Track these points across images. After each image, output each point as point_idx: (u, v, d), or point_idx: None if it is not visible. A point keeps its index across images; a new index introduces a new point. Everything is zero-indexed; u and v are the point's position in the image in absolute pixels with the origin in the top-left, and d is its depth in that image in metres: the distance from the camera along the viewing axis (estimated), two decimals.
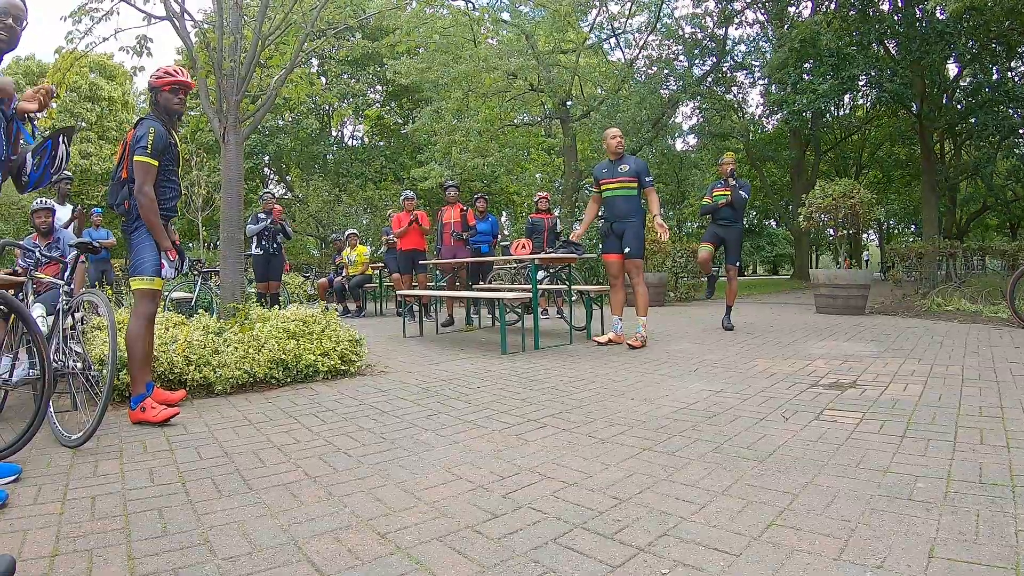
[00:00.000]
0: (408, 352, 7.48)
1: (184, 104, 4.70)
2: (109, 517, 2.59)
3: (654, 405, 4.42)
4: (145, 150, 4.29)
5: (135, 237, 4.42)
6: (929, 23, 19.35)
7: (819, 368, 5.70)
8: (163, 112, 4.53)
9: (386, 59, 22.87)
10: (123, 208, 4.45)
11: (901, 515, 2.43)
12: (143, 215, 4.33)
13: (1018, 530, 2.27)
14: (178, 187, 4.67)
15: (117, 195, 4.47)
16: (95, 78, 32.35)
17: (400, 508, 2.64)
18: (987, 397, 4.37)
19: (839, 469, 2.98)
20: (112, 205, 4.52)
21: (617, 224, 7.43)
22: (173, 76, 4.52)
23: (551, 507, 2.62)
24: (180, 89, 4.56)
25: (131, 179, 4.35)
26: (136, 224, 4.41)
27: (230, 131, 6.86)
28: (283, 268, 11.61)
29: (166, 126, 4.48)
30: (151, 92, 4.59)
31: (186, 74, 4.60)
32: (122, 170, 4.44)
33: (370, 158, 32.36)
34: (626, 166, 7.41)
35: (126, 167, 4.40)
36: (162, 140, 4.36)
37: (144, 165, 4.29)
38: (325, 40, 8.99)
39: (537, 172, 31.82)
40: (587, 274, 15.04)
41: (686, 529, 2.37)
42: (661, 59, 24.30)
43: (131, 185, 4.35)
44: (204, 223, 18.09)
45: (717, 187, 9.00)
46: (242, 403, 4.83)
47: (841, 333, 8.19)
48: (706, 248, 9.05)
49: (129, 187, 4.38)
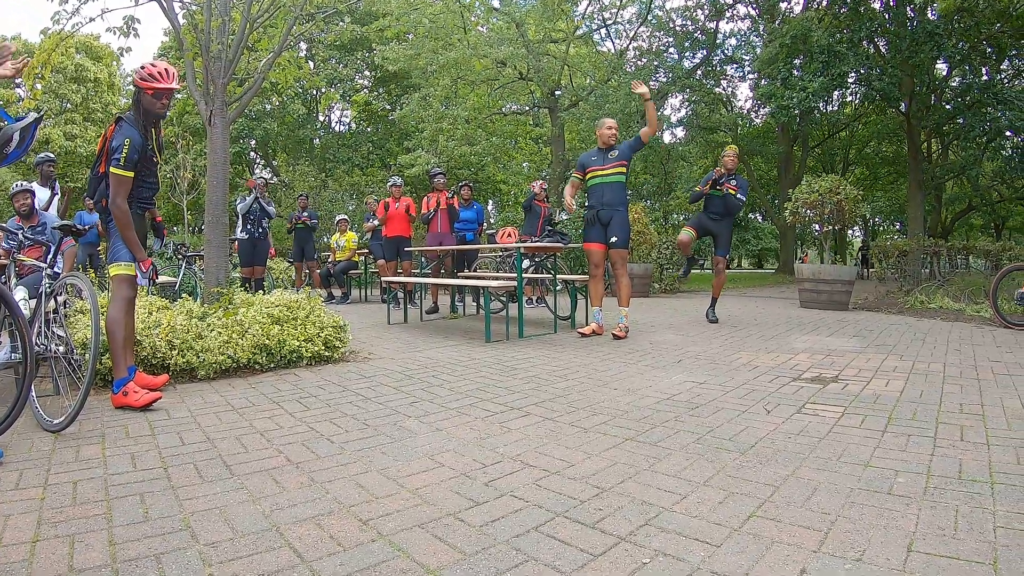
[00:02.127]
0: (392, 339, 7.47)
1: (168, 108, 4.56)
2: (91, 502, 2.57)
3: (637, 395, 4.44)
4: (119, 162, 4.20)
5: (114, 227, 4.38)
6: (919, 23, 19.42)
7: (802, 362, 5.73)
8: (144, 114, 4.41)
9: (375, 44, 22.76)
10: (101, 205, 4.45)
11: (881, 509, 2.45)
12: (117, 227, 4.32)
13: (996, 526, 2.29)
14: (156, 184, 4.63)
15: (95, 190, 4.46)
16: (81, 59, 31.96)
17: (382, 495, 2.64)
18: (968, 395, 4.41)
19: (820, 462, 3.00)
20: (90, 197, 4.50)
21: (604, 212, 7.36)
22: (156, 81, 4.33)
23: (533, 495, 2.62)
24: (164, 95, 4.41)
25: (108, 176, 4.29)
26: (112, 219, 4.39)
27: (217, 114, 6.81)
28: (268, 253, 11.54)
29: (145, 128, 4.39)
30: (135, 92, 4.44)
31: (172, 77, 4.42)
32: (100, 165, 4.40)
33: (357, 144, 32.25)
34: (615, 152, 7.39)
35: (104, 163, 4.35)
36: (138, 151, 4.27)
37: (119, 178, 4.23)
38: (314, 24, 8.93)
39: (524, 161, 31.77)
40: (572, 263, 15.04)
41: (667, 519, 2.38)
42: (651, 51, 24.30)
43: (107, 182, 4.30)
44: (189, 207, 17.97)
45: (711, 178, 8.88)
46: (225, 388, 4.81)
47: (824, 328, 8.23)
48: (688, 232, 8.99)
49: (106, 183, 4.33)
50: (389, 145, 31.72)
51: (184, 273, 10.80)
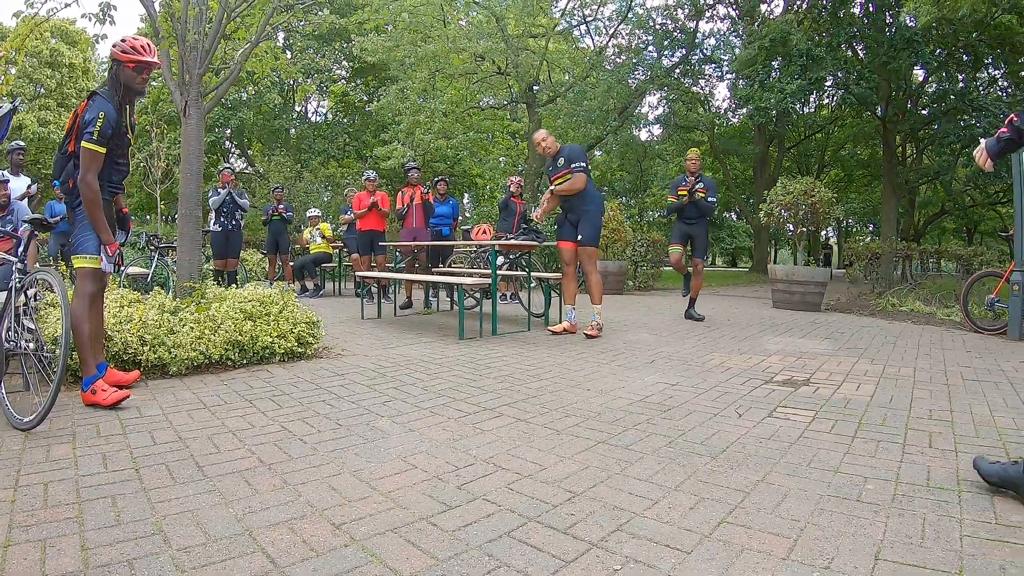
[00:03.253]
0: (365, 335, 7.44)
1: (147, 83, 4.46)
2: (62, 505, 2.54)
3: (610, 397, 4.46)
4: (91, 136, 4.01)
5: (79, 212, 4.22)
6: (897, 29, 19.59)
7: (774, 364, 5.78)
8: (122, 88, 4.27)
9: (354, 36, 22.63)
10: (67, 187, 4.25)
11: (849, 516, 2.49)
12: (85, 206, 4.11)
13: (963, 535, 2.33)
14: (126, 167, 4.44)
15: (62, 170, 4.25)
16: (56, 43, 31.53)
17: (355, 498, 2.63)
18: (937, 400, 4.48)
19: (790, 468, 3.03)
20: (56, 178, 4.30)
21: (572, 214, 7.49)
22: (139, 55, 4.23)
23: (505, 499, 2.63)
24: (145, 68, 4.29)
25: (77, 155, 4.11)
26: (80, 200, 4.17)
27: (192, 105, 6.73)
28: (241, 245, 11.45)
29: (120, 104, 4.24)
30: (113, 63, 4.28)
31: (153, 52, 4.33)
32: (69, 143, 4.20)
33: (333, 135, 32.04)
34: (561, 160, 7.46)
35: (73, 140, 4.16)
36: (111, 125, 4.10)
37: (91, 153, 4.04)
38: (292, 14, 8.85)
39: (501, 156, 31.74)
40: (547, 260, 15.05)
41: (639, 525, 2.40)
42: (630, 48, 24.35)
43: (76, 161, 4.12)
44: (163, 196, 17.77)
45: (682, 184, 9.04)
46: (197, 385, 4.76)
47: (797, 329, 8.31)
48: (676, 250, 9.27)
49: (75, 163, 4.14)
50: (366, 137, 31.56)
51: (156, 265, 10.69)
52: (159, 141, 17.44)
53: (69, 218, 4.33)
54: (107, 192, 4.30)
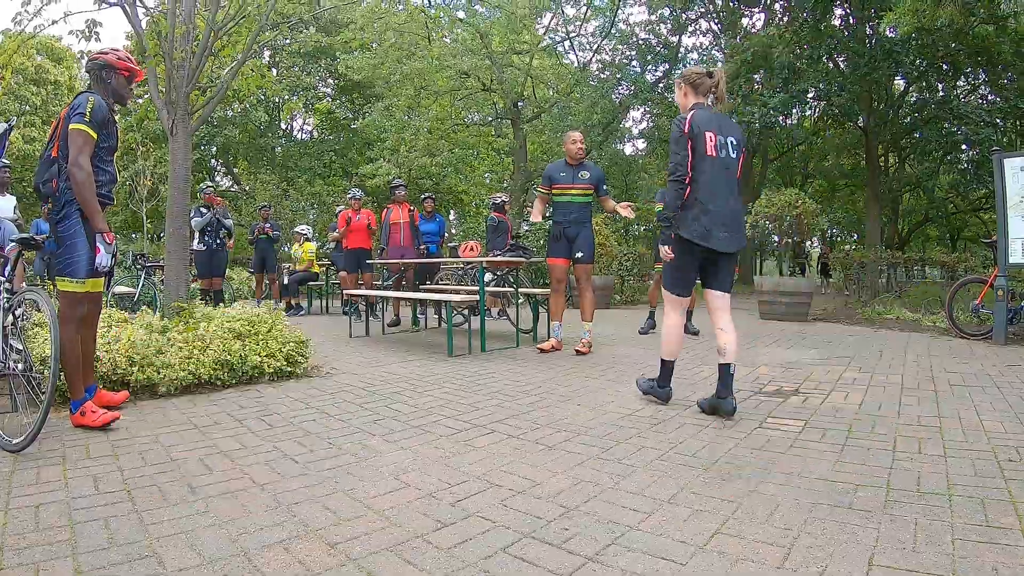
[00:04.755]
0: (354, 353, 7.42)
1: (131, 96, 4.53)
2: (54, 528, 2.51)
3: (600, 411, 4.46)
4: (83, 117, 3.91)
5: (63, 229, 4.01)
6: (878, 40, 19.78)
7: (763, 375, 5.81)
8: (110, 94, 4.26)
9: (339, 53, 22.67)
10: (50, 188, 4.03)
11: (842, 523, 2.50)
12: (77, 192, 3.91)
13: (954, 538, 2.35)
14: (113, 172, 4.31)
15: (44, 174, 4.07)
16: (42, 60, 31.44)
17: (350, 517, 2.63)
18: (925, 406, 4.51)
19: (782, 477, 3.04)
20: (37, 186, 4.11)
21: (570, 229, 7.25)
22: (131, 63, 4.31)
23: (500, 516, 2.63)
24: (133, 78, 4.37)
25: (62, 156, 3.97)
26: (65, 211, 3.99)
27: (179, 123, 6.72)
28: (226, 264, 11.41)
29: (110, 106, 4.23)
30: (103, 70, 4.25)
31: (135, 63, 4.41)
32: (52, 148, 4.05)
33: (319, 152, 32.02)
34: (587, 173, 7.23)
35: (57, 144, 4.03)
36: (102, 112, 4.04)
37: (83, 134, 3.91)
38: (279, 32, 8.86)
39: (486, 172, 31.81)
40: (534, 277, 15.07)
41: (633, 538, 2.41)
42: (614, 64, 24.48)
43: (61, 163, 3.98)
44: (149, 215, 17.72)
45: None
46: (187, 405, 4.74)
47: (784, 340, 8.35)
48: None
49: (59, 165, 3.99)
50: (351, 154, 31.56)
51: (143, 284, 10.65)
52: (144, 160, 17.42)
53: (53, 230, 4.12)
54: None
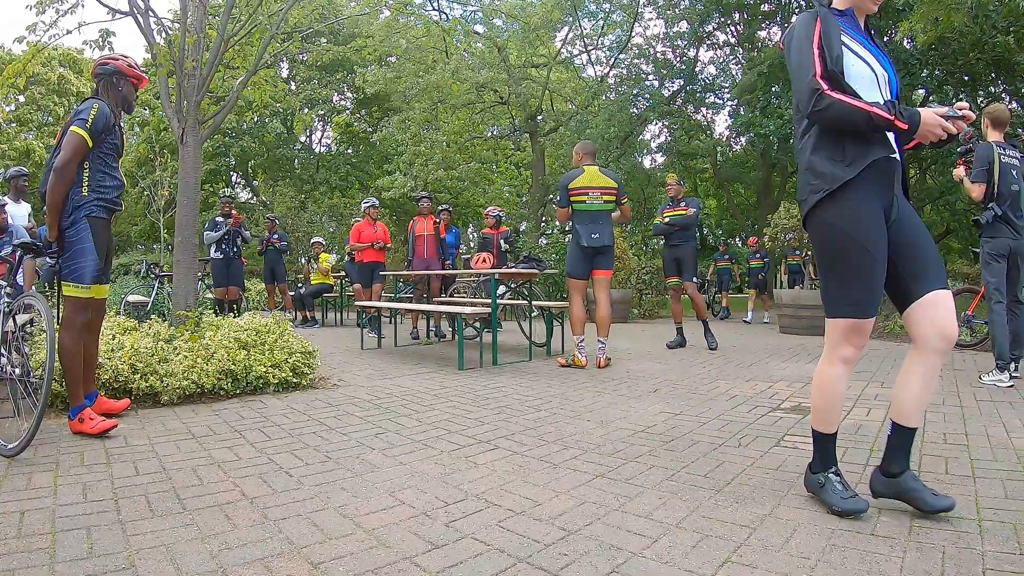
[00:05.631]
0: (364, 365, 7.33)
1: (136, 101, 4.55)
2: (36, 535, 2.45)
3: (611, 428, 4.32)
4: (85, 124, 3.96)
5: (71, 235, 4.05)
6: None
7: (781, 391, 5.64)
8: (118, 100, 4.33)
9: (356, 66, 22.74)
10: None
11: (864, 552, 2.33)
12: (49, 191, 3.94)
13: (985, 568, 2.18)
14: (120, 178, 4.31)
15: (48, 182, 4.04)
16: (64, 72, 31.80)
17: (337, 535, 2.50)
18: (951, 424, 4.32)
19: (799, 500, 2.88)
20: (42, 194, 4.11)
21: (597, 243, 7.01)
22: (139, 71, 4.39)
23: (495, 538, 2.49)
24: (140, 85, 4.44)
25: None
26: (72, 217, 4.04)
27: (189, 132, 6.70)
28: (242, 273, 11.39)
29: (116, 113, 4.25)
30: (112, 76, 4.32)
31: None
32: (57, 155, 4.05)
33: (336, 165, 32.10)
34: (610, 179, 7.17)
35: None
36: (104, 120, 4.07)
37: (79, 139, 3.96)
38: (291, 43, 8.85)
39: (505, 185, 31.75)
40: (549, 289, 14.94)
41: (636, 565, 2.25)
42: (631, 77, 24.40)
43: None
44: (166, 225, 17.77)
45: (667, 208, 9.16)
46: (188, 415, 4.66)
47: (804, 354, 8.18)
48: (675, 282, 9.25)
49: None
50: (369, 167, 31.61)
51: (157, 293, 10.63)
52: (163, 170, 17.51)
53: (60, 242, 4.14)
54: (104, 211, 4.19)
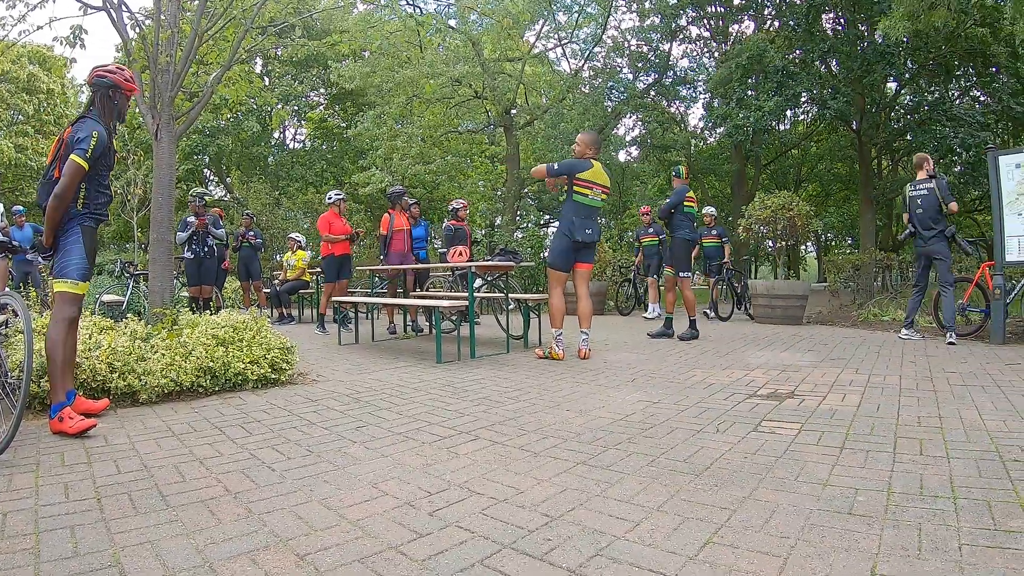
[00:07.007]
0: (342, 360, 7.31)
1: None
2: (19, 536, 2.43)
3: (590, 417, 4.35)
4: (85, 153, 4.06)
5: (64, 238, 4.20)
6: (870, 43, 19.80)
7: (757, 378, 5.70)
8: (112, 114, 4.40)
9: (330, 61, 22.61)
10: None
11: (842, 530, 2.38)
12: (49, 213, 4.11)
13: (961, 544, 2.23)
14: (110, 193, 4.45)
15: (46, 196, 4.19)
16: (34, 69, 31.27)
17: (322, 527, 2.51)
18: (925, 407, 4.40)
19: (777, 482, 2.92)
20: (42, 207, 4.23)
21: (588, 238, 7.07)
22: (134, 84, 4.45)
23: (479, 525, 2.51)
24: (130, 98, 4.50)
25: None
26: (68, 227, 4.20)
27: (163, 128, 6.64)
28: (216, 270, 11.26)
29: (108, 129, 4.31)
30: (111, 89, 4.39)
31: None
32: (55, 169, 4.19)
33: (311, 161, 31.93)
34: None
35: (59, 167, 4.15)
36: (102, 146, 4.17)
37: (78, 167, 4.07)
38: (266, 38, 8.77)
39: (480, 180, 31.72)
40: (525, 282, 14.96)
41: (619, 548, 2.28)
42: (605, 71, 24.46)
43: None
44: (140, 224, 17.60)
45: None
46: (167, 413, 4.63)
47: (779, 343, 8.25)
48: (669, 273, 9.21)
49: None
50: (344, 163, 31.47)
51: (132, 292, 10.54)
52: (136, 168, 17.32)
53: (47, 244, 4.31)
54: (92, 220, 4.31)
